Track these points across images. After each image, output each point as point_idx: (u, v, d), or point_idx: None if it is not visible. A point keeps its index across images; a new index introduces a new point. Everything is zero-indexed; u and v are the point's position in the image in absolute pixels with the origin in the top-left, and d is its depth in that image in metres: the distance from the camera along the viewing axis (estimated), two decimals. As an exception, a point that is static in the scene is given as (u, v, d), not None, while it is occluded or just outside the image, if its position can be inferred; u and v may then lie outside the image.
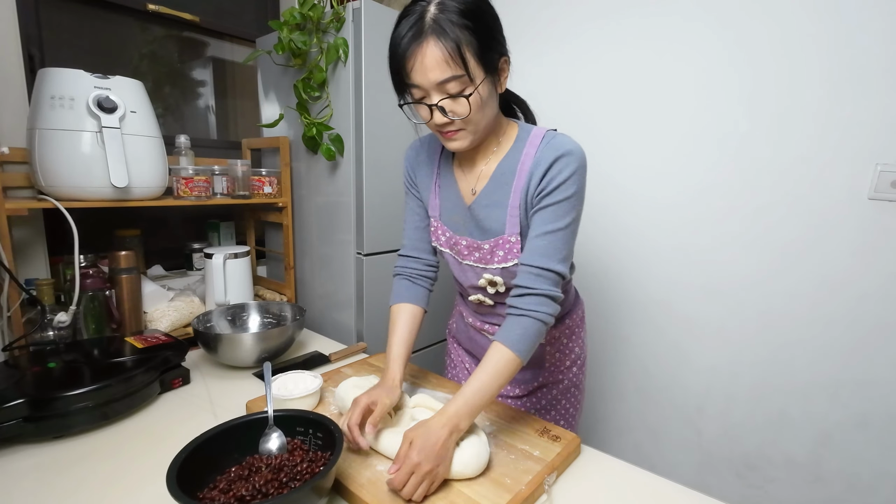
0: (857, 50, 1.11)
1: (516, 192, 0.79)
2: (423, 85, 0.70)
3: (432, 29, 0.67)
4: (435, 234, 0.91)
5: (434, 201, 0.90)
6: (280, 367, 1.06)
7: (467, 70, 0.68)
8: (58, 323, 1.05)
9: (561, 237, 0.76)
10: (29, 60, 1.26)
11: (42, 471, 0.71)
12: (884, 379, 1.17)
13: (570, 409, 1.01)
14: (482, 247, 0.83)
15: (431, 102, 0.72)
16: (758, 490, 1.38)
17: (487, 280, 0.85)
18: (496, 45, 0.72)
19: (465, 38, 0.67)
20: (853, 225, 1.16)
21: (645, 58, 1.42)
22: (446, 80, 0.69)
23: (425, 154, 0.93)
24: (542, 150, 0.77)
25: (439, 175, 0.90)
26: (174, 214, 1.64)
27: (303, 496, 0.54)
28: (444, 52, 0.67)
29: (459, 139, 0.76)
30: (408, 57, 0.69)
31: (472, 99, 0.70)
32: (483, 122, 0.75)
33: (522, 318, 0.74)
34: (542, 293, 0.74)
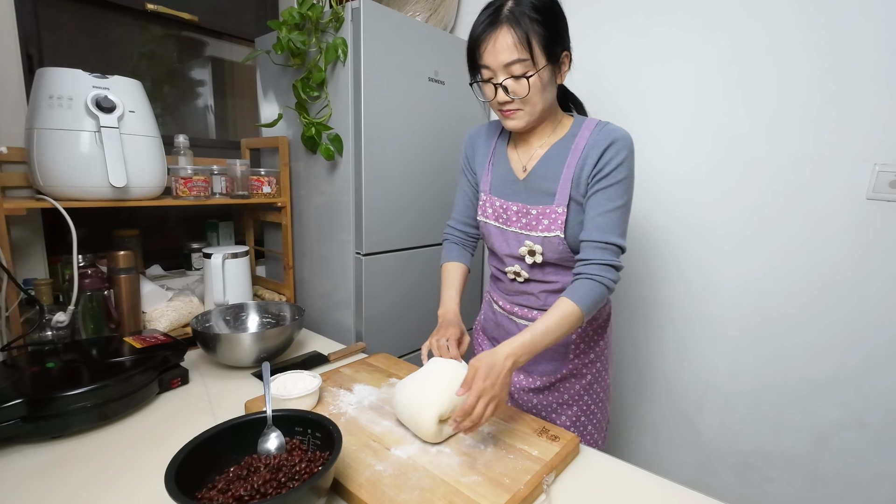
0: (857, 50, 1.12)
1: (569, 167, 0.87)
2: (491, 65, 0.81)
3: (507, 18, 0.78)
4: (482, 208, 1.00)
5: (486, 177, 1.00)
6: (279, 367, 1.06)
7: (532, 55, 0.78)
8: (56, 323, 1.04)
9: (619, 215, 0.84)
10: (27, 60, 1.25)
11: (40, 471, 0.71)
12: (882, 379, 1.17)
13: (593, 407, 1.02)
14: (530, 212, 0.90)
15: (497, 81, 0.82)
16: (756, 489, 1.38)
17: (528, 248, 0.91)
18: (560, 39, 0.82)
19: (534, 29, 0.78)
20: (852, 225, 1.17)
21: (643, 57, 1.42)
22: (512, 62, 0.79)
23: (483, 137, 1.04)
24: (597, 134, 0.86)
25: (494, 154, 1.00)
26: (173, 214, 1.64)
27: (301, 496, 0.54)
28: (514, 37, 0.77)
29: (517, 118, 0.86)
30: (482, 40, 0.80)
31: (532, 80, 0.80)
32: (540, 105, 0.84)
33: (588, 281, 0.82)
34: (606, 262, 0.83)
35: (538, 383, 1.01)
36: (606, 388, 1.05)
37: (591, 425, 1.02)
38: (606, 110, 1.51)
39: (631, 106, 1.47)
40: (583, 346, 1.00)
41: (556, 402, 1.01)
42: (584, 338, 0.99)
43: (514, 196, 0.94)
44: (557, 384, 1.01)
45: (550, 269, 0.93)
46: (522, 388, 1.04)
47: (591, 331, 1.00)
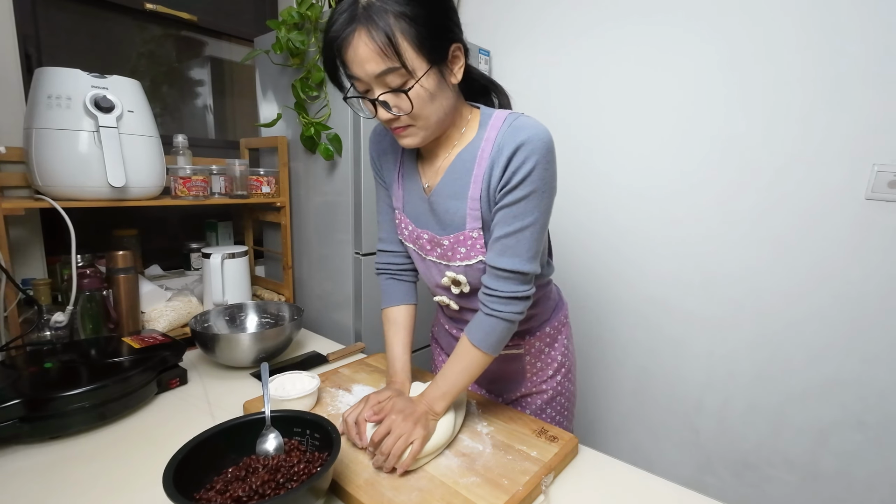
0: (857, 49, 1.11)
1: (476, 181, 0.73)
2: (361, 77, 0.65)
3: (362, 17, 0.61)
4: (399, 227, 0.87)
5: (398, 192, 0.86)
6: (278, 368, 1.06)
7: (402, 62, 0.63)
8: (55, 323, 1.04)
9: (528, 235, 0.71)
10: (26, 59, 1.25)
11: (39, 471, 0.71)
12: (881, 379, 1.17)
13: (558, 417, 0.98)
14: (442, 243, 0.79)
15: (373, 97, 0.67)
16: (755, 489, 1.38)
17: (451, 279, 0.81)
18: (444, 32, 0.66)
19: (400, 27, 0.61)
20: (851, 225, 1.17)
21: (642, 56, 1.42)
22: (383, 73, 0.64)
23: (388, 141, 0.87)
24: (503, 135, 0.70)
25: (402, 164, 0.85)
26: (172, 214, 1.64)
27: (300, 497, 0.54)
28: (374, 42, 0.61)
29: (410, 135, 0.72)
30: (342, 47, 0.64)
31: (412, 94, 0.65)
32: (434, 116, 0.70)
33: (489, 318, 0.75)
34: (508, 295, 0.73)
35: (500, 400, 0.99)
36: (571, 396, 1.00)
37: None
38: (602, 112, 1.51)
39: (627, 107, 1.46)
40: (539, 365, 0.95)
41: None
42: (537, 356, 0.94)
43: (423, 222, 0.82)
44: (520, 399, 0.98)
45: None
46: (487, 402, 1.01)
47: (543, 346, 0.94)
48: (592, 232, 1.59)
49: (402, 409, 0.72)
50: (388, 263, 0.93)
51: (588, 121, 1.55)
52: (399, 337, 0.89)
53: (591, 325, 1.62)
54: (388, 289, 0.93)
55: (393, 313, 0.91)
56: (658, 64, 1.40)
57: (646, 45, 1.41)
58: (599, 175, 1.54)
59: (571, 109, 1.58)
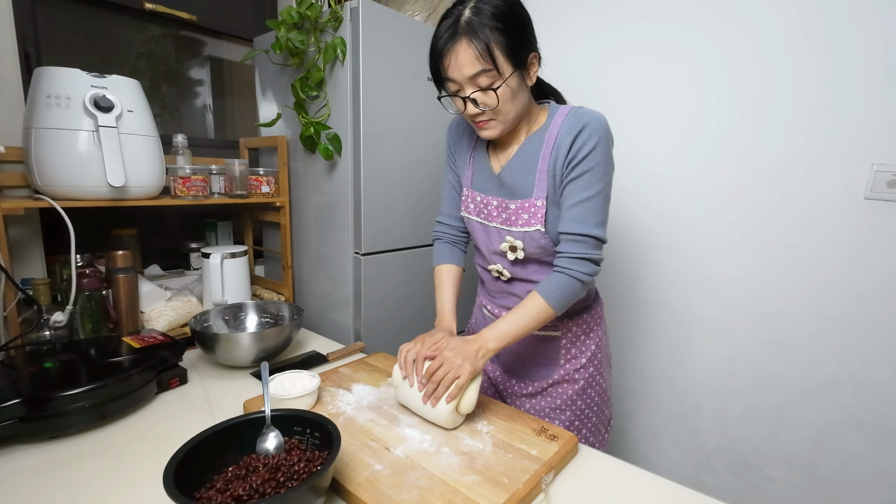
0: (856, 49, 1.12)
1: (544, 158, 0.85)
2: (457, 79, 0.80)
3: (465, 30, 0.76)
4: (465, 203, 0.99)
5: (468, 172, 0.98)
6: (278, 367, 1.06)
7: (496, 65, 0.76)
8: (54, 323, 1.04)
9: (595, 203, 0.82)
10: (25, 59, 1.25)
11: (38, 471, 0.71)
12: (880, 379, 1.17)
13: (587, 412, 0.99)
14: (509, 206, 0.89)
15: (464, 95, 0.81)
16: (755, 489, 1.38)
17: (509, 244, 0.90)
18: (525, 42, 0.80)
19: (495, 38, 0.75)
20: (850, 225, 1.17)
21: (641, 56, 1.42)
22: (477, 74, 0.77)
23: (466, 129, 1.00)
24: (569, 121, 0.84)
25: (475, 150, 0.98)
26: (171, 214, 1.64)
27: (300, 496, 0.54)
28: (475, 49, 0.75)
29: (490, 128, 0.84)
30: (444, 54, 0.79)
31: (500, 91, 0.79)
32: (512, 112, 0.83)
33: (560, 275, 0.83)
34: (580, 256, 0.82)
35: (530, 388, 1.01)
36: (603, 391, 1.02)
37: (586, 429, 1.00)
38: (605, 110, 1.51)
39: (627, 107, 1.47)
40: (573, 351, 0.98)
41: (549, 407, 0.99)
42: (572, 341, 0.98)
43: (493, 191, 0.93)
44: (550, 389, 0.99)
45: (533, 265, 0.92)
46: (515, 392, 1.03)
47: (579, 333, 0.99)
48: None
49: (455, 347, 0.80)
50: (444, 231, 1.07)
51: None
52: (448, 287, 1.00)
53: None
54: (442, 250, 1.05)
55: (445, 269, 1.02)
56: (657, 64, 1.40)
57: (646, 44, 1.41)
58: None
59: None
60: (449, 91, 0.84)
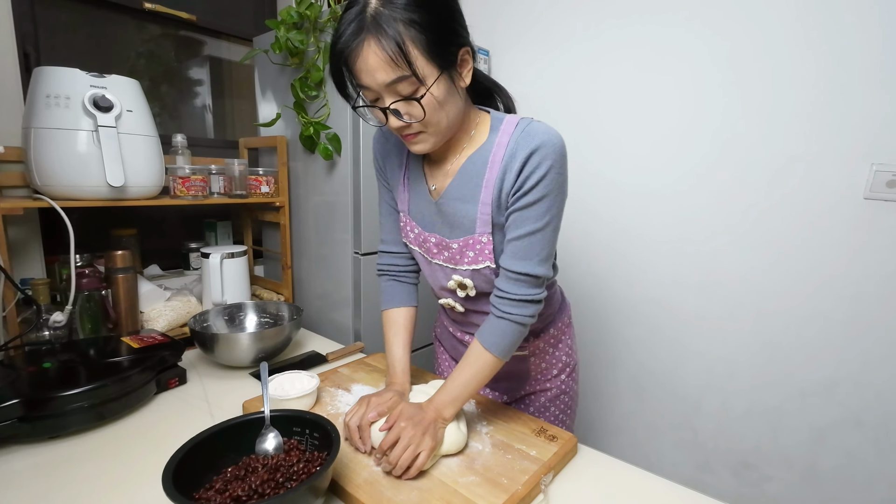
0: (855, 49, 1.12)
1: (488, 186, 0.72)
2: (371, 87, 0.65)
3: (372, 26, 0.61)
4: (404, 230, 0.87)
5: (403, 195, 0.85)
6: (277, 367, 1.06)
7: (413, 70, 0.62)
8: (53, 323, 1.04)
9: (540, 238, 0.72)
10: (24, 59, 1.25)
11: (37, 471, 0.71)
12: (879, 378, 1.17)
13: (561, 416, 0.98)
14: (451, 246, 0.78)
15: (384, 105, 0.67)
16: (754, 489, 1.38)
17: (457, 282, 0.81)
18: (452, 37, 0.66)
19: (411, 35, 0.61)
20: (849, 224, 1.17)
21: (641, 55, 1.42)
22: (394, 82, 0.63)
23: (393, 143, 0.86)
24: (517, 140, 0.70)
25: (408, 168, 0.85)
26: (171, 214, 1.64)
27: (299, 496, 0.54)
28: (385, 51, 0.61)
29: (421, 142, 0.71)
30: (350, 57, 0.64)
31: (424, 101, 0.65)
32: (445, 121, 0.70)
33: (501, 321, 0.74)
34: (521, 298, 0.73)
35: (504, 398, 0.99)
36: (574, 395, 1.00)
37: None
38: (602, 111, 1.51)
39: (627, 107, 1.47)
40: (543, 365, 0.95)
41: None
42: (542, 357, 0.94)
43: (430, 225, 0.82)
44: (523, 398, 0.98)
45: (486, 299, 0.81)
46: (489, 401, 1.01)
47: (548, 348, 0.94)
48: (591, 231, 1.59)
49: (411, 417, 0.71)
50: (390, 265, 0.93)
51: (588, 120, 1.55)
52: (399, 338, 0.89)
53: (591, 325, 1.62)
54: (389, 290, 0.93)
55: (394, 315, 0.91)
56: (657, 64, 1.40)
57: (645, 44, 1.41)
58: (599, 175, 1.54)
59: (571, 108, 1.58)
60: (365, 100, 0.69)
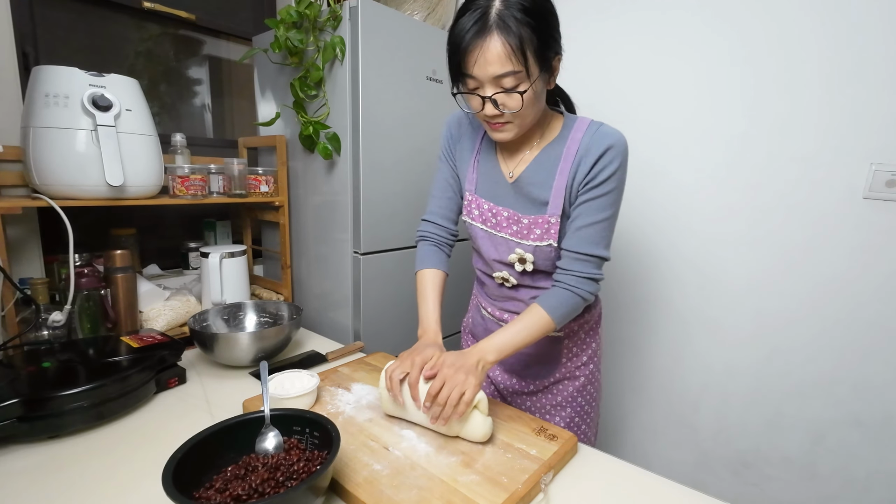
0: (854, 50, 1.12)
1: (562, 174, 0.82)
2: (479, 77, 0.73)
3: (497, 24, 0.69)
4: (468, 208, 0.94)
5: (471, 175, 0.93)
6: (277, 367, 1.06)
7: (526, 67, 0.71)
8: (52, 322, 1.04)
9: (606, 226, 0.82)
10: (23, 58, 1.25)
11: (36, 471, 0.71)
12: (879, 378, 1.17)
13: (587, 407, 1.00)
14: (521, 220, 0.86)
15: (485, 94, 0.75)
16: (754, 488, 1.38)
17: (518, 256, 0.88)
18: (553, 43, 0.75)
19: (528, 36, 0.69)
20: (848, 224, 1.17)
21: (643, 57, 1.43)
22: (504, 75, 0.71)
23: (468, 129, 0.95)
24: (591, 137, 0.80)
25: (480, 151, 0.93)
26: (170, 213, 1.63)
27: (299, 495, 0.54)
28: (507, 47, 0.69)
29: (506, 131, 0.80)
30: (470, 49, 0.72)
31: (525, 95, 0.73)
32: (532, 116, 0.79)
33: (564, 291, 0.82)
34: (587, 276, 0.81)
35: (531, 387, 1.01)
36: (599, 387, 1.04)
37: (585, 425, 1.01)
38: (610, 109, 1.51)
39: (633, 107, 1.47)
40: (575, 350, 0.98)
41: (550, 405, 1.00)
42: (575, 341, 0.98)
43: (503, 201, 0.89)
44: (551, 387, 1.00)
45: (541, 275, 0.90)
46: (516, 391, 1.03)
47: (582, 333, 0.98)
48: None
49: (454, 363, 0.75)
50: (431, 232, 1.00)
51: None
52: (433, 295, 0.94)
53: (590, 324, 1.62)
54: (426, 253, 0.99)
55: (428, 274, 0.96)
56: (656, 67, 1.40)
57: (644, 45, 1.41)
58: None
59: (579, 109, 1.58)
60: (466, 87, 0.77)
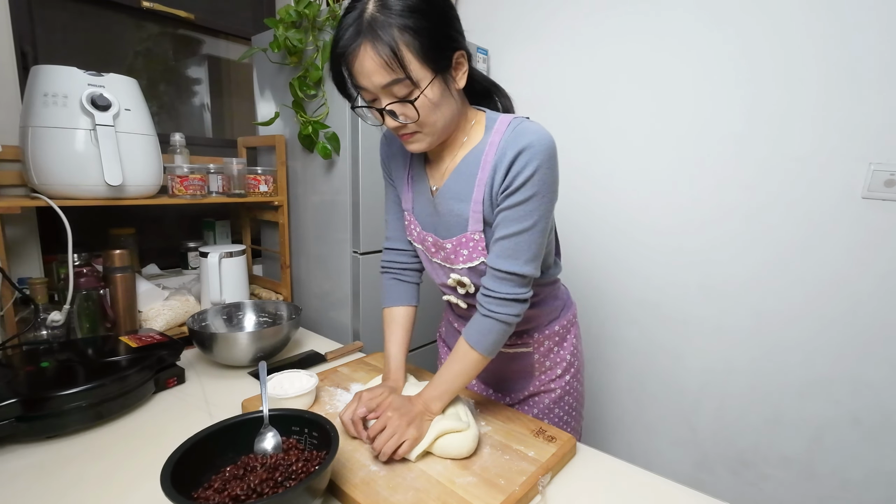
0: (852, 50, 1.12)
1: (480, 185, 0.74)
2: (368, 88, 0.68)
3: (368, 31, 0.63)
4: (408, 228, 0.90)
5: (407, 194, 0.88)
6: (276, 367, 1.06)
7: (408, 74, 0.65)
8: (51, 322, 1.04)
9: (527, 238, 0.72)
10: (22, 57, 1.25)
11: (35, 471, 0.71)
12: (877, 377, 1.17)
13: (566, 417, 0.98)
14: (445, 246, 0.81)
15: (381, 107, 0.69)
16: (752, 487, 1.39)
17: (455, 280, 0.83)
18: (446, 41, 0.68)
19: (405, 40, 0.63)
20: (847, 224, 1.17)
21: (640, 57, 1.42)
22: (389, 84, 0.66)
23: (398, 145, 0.89)
24: (507, 140, 0.72)
25: (412, 167, 0.87)
26: (169, 213, 1.63)
27: (297, 496, 0.54)
28: (380, 56, 0.63)
29: (416, 141, 0.74)
30: (348, 58, 0.66)
31: (418, 103, 0.67)
32: (440, 122, 0.72)
33: (486, 319, 0.76)
34: (505, 297, 0.74)
35: (507, 399, 0.99)
36: (579, 396, 1.00)
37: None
38: (601, 109, 1.51)
39: (626, 106, 1.47)
40: (547, 363, 0.95)
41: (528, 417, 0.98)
42: (545, 354, 0.95)
43: (427, 223, 0.85)
44: (527, 399, 0.98)
45: None
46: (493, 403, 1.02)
47: (552, 345, 0.95)
48: (590, 232, 1.59)
49: (399, 408, 0.74)
50: (393, 262, 0.95)
51: (586, 121, 1.55)
52: (396, 336, 0.90)
53: (589, 324, 1.62)
54: (391, 288, 0.94)
55: (393, 313, 0.92)
56: (654, 66, 1.40)
57: (642, 45, 1.41)
58: (597, 176, 1.54)
59: (570, 109, 1.58)
60: (364, 100, 0.72)
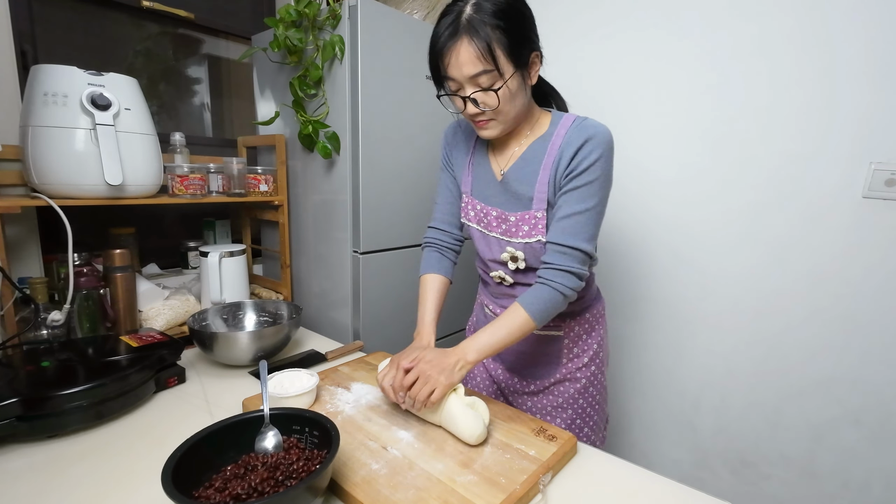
0: (853, 48, 1.12)
1: (546, 168, 0.84)
2: (457, 78, 0.78)
3: (466, 28, 0.74)
4: (465, 210, 0.98)
5: (467, 178, 0.97)
6: (276, 366, 1.06)
7: (497, 65, 0.75)
8: (51, 322, 1.04)
9: (588, 217, 0.81)
10: (21, 57, 1.24)
11: (36, 471, 0.71)
12: (877, 376, 1.17)
13: (589, 410, 1.00)
14: (509, 219, 0.88)
15: (465, 94, 0.80)
16: (752, 487, 1.39)
17: (510, 254, 0.90)
18: (527, 42, 0.78)
19: (496, 37, 0.74)
20: (848, 223, 1.17)
21: (640, 57, 1.42)
22: (478, 75, 0.76)
23: (462, 135, 1.00)
24: (572, 131, 0.83)
25: (474, 155, 0.97)
26: (169, 212, 1.63)
27: (298, 495, 0.54)
28: (475, 49, 0.74)
29: (490, 128, 0.84)
30: (444, 53, 0.77)
31: (500, 92, 0.77)
32: (513, 112, 0.82)
33: (544, 287, 0.82)
34: (566, 269, 0.81)
35: (532, 387, 1.01)
36: (603, 389, 1.04)
37: (588, 427, 1.01)
38: (597, 108, 1.51)
39: (623, 105, 1.47)
40: (576, 350, 0.99)
41: (551, 406, 1.00)
42: (575, 341, 0.99)
43: (492, 200, 0.92)
44: (552, 387, 1.00)
45: (535, 272, 0.89)
46: (517, 390, 1.04)
47: (582, 333, 0.99)
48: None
49: (431, 360, 0.79)
50: (436, 238, 1.03)
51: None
52: (431, 299, 0.96)
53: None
54: (431, 258, 1.01)
55: (430, 279, 0.98)
56: (653, 65, 1.40)
57: (643, 44, 1.41)
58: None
59: (571, 109, 1.58)
60: (448, 90, 0.83)
